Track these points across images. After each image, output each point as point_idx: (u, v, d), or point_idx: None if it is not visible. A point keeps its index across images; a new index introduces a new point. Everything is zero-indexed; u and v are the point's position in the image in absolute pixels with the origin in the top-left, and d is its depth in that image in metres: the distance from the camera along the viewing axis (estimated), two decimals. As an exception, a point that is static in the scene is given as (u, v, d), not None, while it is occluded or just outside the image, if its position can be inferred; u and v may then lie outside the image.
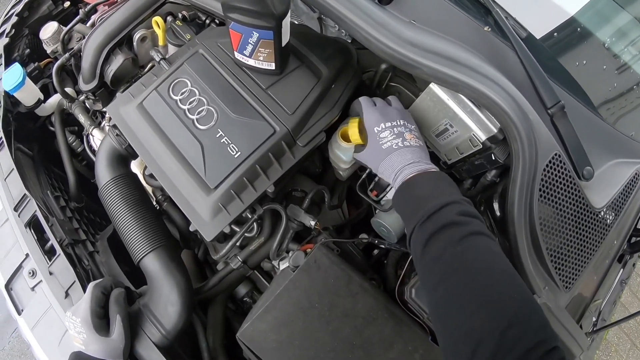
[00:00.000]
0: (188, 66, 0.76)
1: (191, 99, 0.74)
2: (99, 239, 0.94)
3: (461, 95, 0.71)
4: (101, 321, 0.69)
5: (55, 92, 1.03)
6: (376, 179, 0.86)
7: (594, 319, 0.81)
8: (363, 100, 0.72)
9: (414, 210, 0.59)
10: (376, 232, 0.90)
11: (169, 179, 0.73)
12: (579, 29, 0.95)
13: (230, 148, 0.71)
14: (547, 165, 0.70)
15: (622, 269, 0.88)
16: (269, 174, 0.72)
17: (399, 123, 0.68)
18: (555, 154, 0.71)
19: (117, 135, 0.79)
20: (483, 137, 0.71)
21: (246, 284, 0.95)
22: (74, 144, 1.00)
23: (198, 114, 0.73)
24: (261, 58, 0.71)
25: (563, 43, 0.94)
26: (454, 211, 0.56)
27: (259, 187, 0.71)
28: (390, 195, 0.86)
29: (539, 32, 0.91)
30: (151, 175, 0.84)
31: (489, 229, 0.59)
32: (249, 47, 0.69)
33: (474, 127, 0.71)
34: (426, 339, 0.71)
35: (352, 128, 0.72)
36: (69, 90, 0.99)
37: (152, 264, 0.75)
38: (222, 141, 0.71)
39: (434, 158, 0.84)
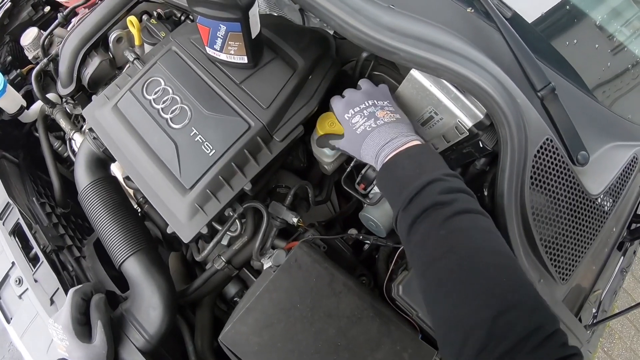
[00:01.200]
0: (161, 64, 0.73)
1: (165, 98, 0.70)
2: (86, 244, 0.91)
3: (444, 81, 0.66)
4: (83, 327, 0.67)
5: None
6: (363, 171, 0.81)
7: (594, 311, 0.75)
8: (332, 98, 0.70)
9: (396, 193, 0.55)
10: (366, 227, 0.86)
11: (145, 180, 0.69)
12: (570, 9, 0.89)
13: (204, 146, 0.67)
14: (538, 152, 0.65)
15: (622, 257, 0.83)
16: (246, 171, 0.68)
17: (367, 104, 0.64)
18: (547, 139, 0.65)
19: (94, 138, 0.75)
20: (469, 123, 0.66)
21: (236, 284, 0.92)
22: (59, 149, 0.97)
23: (172, 112, 0.69)
24: (232, 52, 0.66)
25: (554, 24, 0.88)
26: (436, 190, 0.51)
27: (235, 185, 0.67)
28: (378, 189, 0.82)
29: (530, 16, 0.85)
30: (129, 178, 0.81)
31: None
32: (219, 41, 0.65)
33: (459, 114, 0.66)
34: (416, 337, 0.67)
35: (319, 123, 0.71)
36: (52, 95, 0.96)
37: (133, 267, 0.72)
38: (196, 140, 0.67)
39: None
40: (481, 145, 0.67)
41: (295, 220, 0.76)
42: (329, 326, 0.64)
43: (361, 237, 0.77)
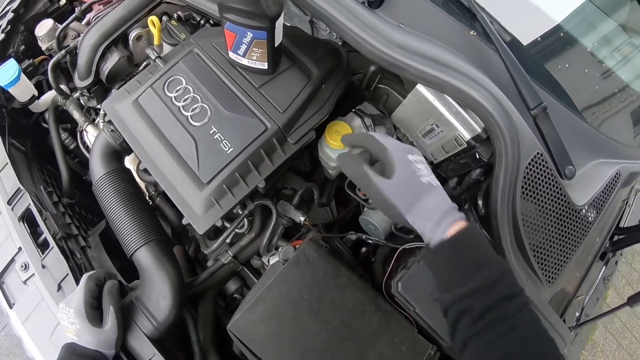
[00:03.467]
0: (183, 64, 0.80)
1: (186, 96, 0.78)
2: (91, 234, 0.97)
3: (446, 96, 0.75)
4: (94, 312, 0.72)
5: (49, 89, 1.07)
6: None
7: (577, 314, 0.85)
8: (377, 134, 0.63)
9: (463, 275, 0.53)
10: (364, 230, 0.95)
11: (163, 173, 0.76)
12: (563, 35, 1.01)
13: (223, 144, 0.75)
14: (529, 164, 0.75)
15: (604, 267, 0.93)
16: (261, 169, 0.76)
17: (425, 159, 0.60)
18: (538, 153, 0.75)
19: (112, 130, 0.82)
20: (468, 136, 0.75)
21: (236, 281, 0.99)
22: (66, 141, 1.03)
23: (192, 110, 0.77)
24: (254, 57, 0.75)
25: (548, 49, 1.00)
26: (510, 281, 0.53)
27: (250, 182, 0.75)
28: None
29: (525, 39, 0.97)
30: (145, 171, 0.88)
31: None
32: (243, 47, 0.73)
33: (459, 127, 0.76)
34: (413, 331, 0.75)
35: (327, 131, 0.81)
36: (62, 87, 1.02)
37: (145, 257, 0.78)
38: (215, 137, 0.75)
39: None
40: (477, 157, 0.77)
41: (302, 219, 0.84)
42: (334, 317, 0.72)
43: (364, 237, 0.85)
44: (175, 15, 0.93)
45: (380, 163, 0.59)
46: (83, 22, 1.05)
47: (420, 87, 0.77)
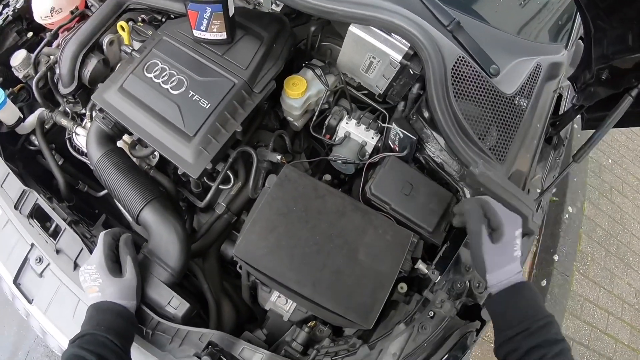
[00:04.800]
0: (156, 50, 1.08)
1: (163, 74, 1.05)
2: (94, 227, 1.18)
3: (374, 30, 1.04)
4: (114, 264, 0.92)
5: (30, 113, 1.31)
6: (326, 122, 1.18)
7: (538, 190, 1.11)
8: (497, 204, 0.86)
9: (515, 319, 0.77)
10: (335, 170, 1.20)
11: (156, 139, 1.01)
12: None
13: (201, 102, 1.01)
14: (454, 66, 1.02)
15: (553, 151, 1.21)
16: (236, 117, 1.02)
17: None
18: (459, 57, 1.04)
19: (103, 118, 1.07)
20: (399, 57, 1.04)
21: (232, 245, 1.20)
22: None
23: (171, 83, 1.04)
24: (215, 29, 1.03)
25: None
26: (555, 329, 0.76)
27: (229, 128, 1.01)
28: (341, 133, 1.17)
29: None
30: (135, 148, 1.12)
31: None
32: (205, 22, 1.01)
33: (390, 51, 1.05)
34: (393, 223, 0.99)
35: (285, 84, 1.10)
36: (39, 111, 1.26)
37: (150, 215, 1.00)
38: (194, 99, 1.02)
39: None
40: (412, 72, 1.05)
41: (278, 157, 1.09)
42: (321, 221, 0.95)
43: (333, 158, 1.11)
44: (139, 18, 1.21)
45: (493, 228, 0.83)
46: (53, 46, 1.32)
47: (352, 28, 1.06)
